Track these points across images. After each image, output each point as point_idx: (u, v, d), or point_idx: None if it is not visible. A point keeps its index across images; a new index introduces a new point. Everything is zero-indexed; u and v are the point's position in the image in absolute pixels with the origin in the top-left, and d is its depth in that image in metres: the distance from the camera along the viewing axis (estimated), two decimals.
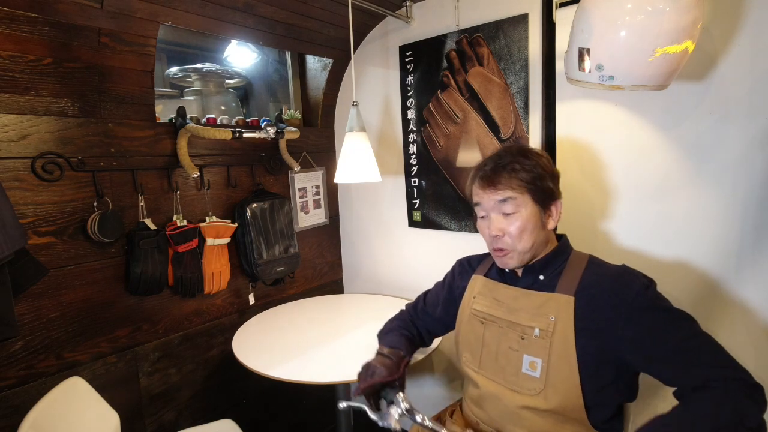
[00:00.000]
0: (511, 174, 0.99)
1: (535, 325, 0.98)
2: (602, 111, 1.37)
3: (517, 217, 0.99)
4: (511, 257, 1.02)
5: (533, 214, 0.99)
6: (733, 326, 1.22)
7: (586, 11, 1.02)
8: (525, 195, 0.99)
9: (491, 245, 1.05)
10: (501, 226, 1.00)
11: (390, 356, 1.10)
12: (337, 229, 2.29)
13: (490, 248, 1.07)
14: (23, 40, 1.18)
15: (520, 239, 0.99)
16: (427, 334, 1.31)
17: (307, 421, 2.15)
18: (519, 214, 0.99)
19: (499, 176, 1.00)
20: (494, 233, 1.01)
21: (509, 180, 0.99)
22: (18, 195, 1.23)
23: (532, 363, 0.97)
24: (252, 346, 1.54)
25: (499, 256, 1.05)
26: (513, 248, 1.01)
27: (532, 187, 0.99)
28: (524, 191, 0.99)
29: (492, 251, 1.07)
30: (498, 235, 1.01)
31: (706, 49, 1.18)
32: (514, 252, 1.01)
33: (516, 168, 0.99)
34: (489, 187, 1.01)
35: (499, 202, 1.00)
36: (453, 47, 1.67)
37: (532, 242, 1.00)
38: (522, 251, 1.01)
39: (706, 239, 1.24)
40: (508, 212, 1.00)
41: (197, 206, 1.67)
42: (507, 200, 0.99)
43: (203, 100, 1.97)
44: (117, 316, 1.47)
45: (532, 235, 0.99)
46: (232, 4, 1.47)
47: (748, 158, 1.16)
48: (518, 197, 0.99)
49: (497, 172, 1.01)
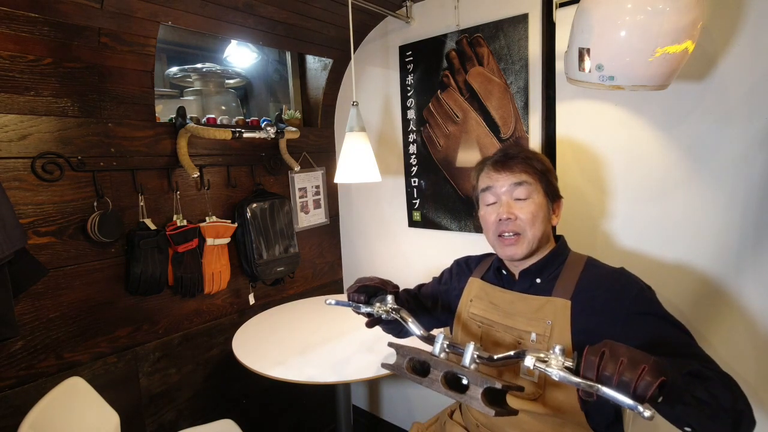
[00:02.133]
0: (526, 161, 1.01)
1: (532, 329, 0.97)
2: (602, 111, 1.37)
3: (530, 203, 0.99)
4: (521, 243, 0.99)
5: (544, 204, 1.00)
6: (733, 326, 1.22)
7: (586, 11, 1.02)
8: (538, 183, 1.00)
9: (497, 231, 1.01)
10: (513, 210, 1.00)
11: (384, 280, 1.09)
12: (337, 229, 2.29)
13: (495, 236, 1.03)
14: (23, 40, 1.18)
15: (533, 224, 0.98)
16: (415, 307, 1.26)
17: (307, 421, 2.15)
18: (531, 200, 0.99)
19: (515, 160, 1.01)
20: (505, 216, 0.99)
21: (525, 166, 1.00)
22: (18, 195, 1.23)
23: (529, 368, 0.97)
24: (252, 346, 1.54)
25: (506, 244, 1.01)
26: (524, 232, 0.99)
27: (543, 177, 1.01)
28: (537, 179, 1.00)
29: (497, 240, 1.03)
30: (509, 218, 0.99)
31: (706, 49, 1.18)
32: (524, 237, 0.99)
33: (529, 156, 1.02)
34: (505, 171, 1.01)
35: (514, 184, 1.00)
36: (453, 47, 1.67)
37: (541, 231, 1.00)
38: (532, 238, 0.99)
39: (706, 239, 1.24)
40: (521, 197, 1.00)
41: (197, 206, 1.67)
42: (522, 184, 0.99)
43: (203, 100, 1.97)
44: (117, 316, 1.47)
45: (542, 224, 1.00)
46: (232, 4, 1.47)
47: (748, 158, 1.16)
48: (533, 183, 1.00)
49: (511, 158, 1.02)
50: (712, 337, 1.25)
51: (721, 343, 1.24)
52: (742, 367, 1.22)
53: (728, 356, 1.23)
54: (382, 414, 2.22)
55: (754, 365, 1.21)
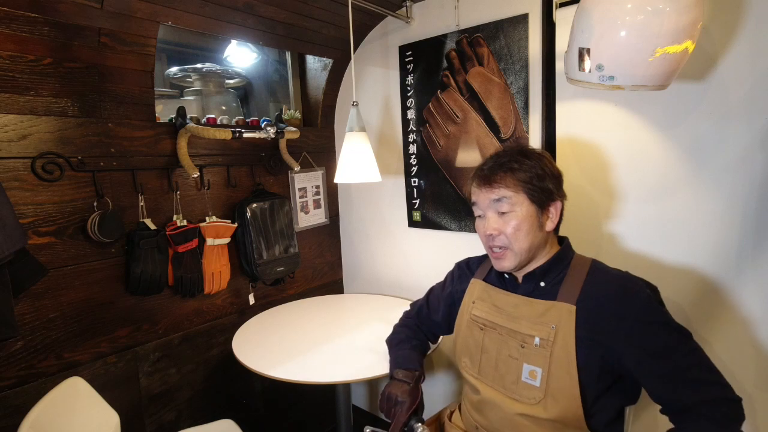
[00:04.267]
0: (507, 173, 0.99)
1: (536, 333, 0.97)
2: (602, 111, 1.37)
3: (512, 216, 0.98)
4: (507, 258, 1.01)
5: (530, 214, 0.98)
6: (734, 326, 1.22)
7: (586, 11, 1.02)
8: (521, 194, 0.98)
9: (487, 244, 1.05)
10: (496, 225, 1.00)
11: (407, 380, 1.09)
12: (337, 229, 2.29)
13: (487, 249, 1.06)
14: (23, 40, 1.18)
15: (516, 238, 0.98)
16: (432, 337, 1.34)
17: (307, 421, 2.15)
18: (514, 213, 0.98)
19: (495, 175, 1.00)
20: (489, 232, 1.01)
21: (505, 179, 0.99)
22: (18, 195, 1.23)
23: (532, 372, 0.96)
24: (252, 346, 1.54)
25: (495, 258, 1.04)
26: (509, 246, 1.00)
27: (529, 186, 0.98)
28: (520, 190, 0.98)
29: (489, 252, 1.06)
30: (493, 234, 1.00)
31: (706, 49, 1.18)
32: (510, 251, 1.00)
33: (514, 167, 0.99)
34: (485, 186, 1.01)
35: (493, 201, 1.00)
36: (453, 47, 1.67)
37: (529, 243, 0.99)
38: (518, 251, 0.99)
39: (706, 239, 1.24)
40: (503, 211, 0.99)
41: (197, 206, 1.67)
42: (501, 199, 0.99)
43: (203, 100, 1.97)
44: (117, 316, 1.47)
45: (528, 235, 0.98)
46: (232, 4, 1.47)
47: (748, 158, 1.16)
48: (513, 196, 0.98)
49: (494, 171, 1.01)
50: (711, 338, 1.25)
51: (720, 344, 1.24)
52: (741, 367, 1.21)
53: (727, 357, 1.23)
54: (382, 414, 2.22)
55: (753, 365, 1.21)
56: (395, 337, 1.31)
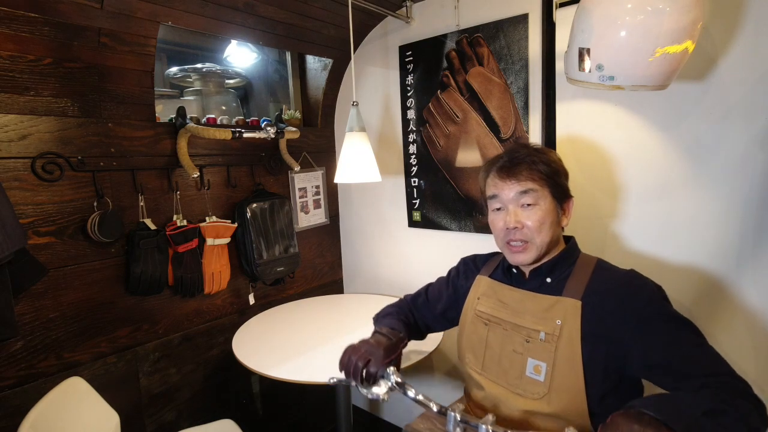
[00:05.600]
0: (531, 166, 0.99)
1: (541, 328, 0.97)
2: (602, 111, 1.37)
3: (537, 210, 0.98)
4: (529, 251, 0.99)
5: (552, 209, 0.99)
6: (734, 326, 1.22)
7: (586, 11, 1.02)
8: (545, 188, 0.98)
9: (505, 238, 1.02)
10: (520, 218, 0.99)
11: (389, 336, 1.08)
12: (337, 229, 2.29)
13: (504, 242, 1.03)
14: (23, 40, 1.18)
15: (540, 231, 0.98)
16: (424, 328, 1.28)
17: (307, 421, 2.15)
18: (539, 206, 0.98)
19: (520, 167, 0.99)
20: (512, 225, 0.99)
21: (530, 172, 0.99)
22: (18, 195, 1.23)
23: (536, 366, 0.96)
24: (252, 346, 1.54)
25: (514, 251, 1.01)
26: (531, 240, 0.99)
27: (551, 181, 0.99)
28: (544, 184, 0.98)
29: (506, 246, 1.03)
30: (516, 227, 0.99)
31: (706, 49, 1.18)
32: (532, 245, 0.99)
33: (535, 161, 0.99)
34: (510, 179, 1.00)
35: (520, 193, 0.99)
36: (453, 47, 1.67)
37: (550, 237, 0.99)
38: (540, 245, 0.99)
39: (707, 238, 1.24)
40: (528, 203, 0.98)
41: (197, 206, 1.67)
42: (528, 192, 0.98)
43: (203, 100, 1.97)
44: (117, 316, 1.47)
45: (550, 229, 0.98)
46: (232, 4, 1.47)
47: (748, 158, 1.16)
48: (539, 189, 0.98)
49: (517, 163, 1.00)
50: (712, 335, 1.25)
51: (722, 341, 1.24)
52: (742, 362, 1.21)
53: (728, 354, 1.23)
54: (382, 414, 2.22)
55: (753, 361, 1.21)
56: (384, 311, 1.27)
